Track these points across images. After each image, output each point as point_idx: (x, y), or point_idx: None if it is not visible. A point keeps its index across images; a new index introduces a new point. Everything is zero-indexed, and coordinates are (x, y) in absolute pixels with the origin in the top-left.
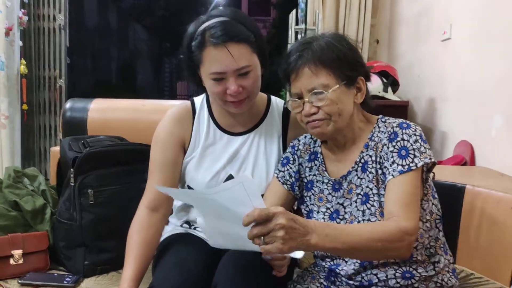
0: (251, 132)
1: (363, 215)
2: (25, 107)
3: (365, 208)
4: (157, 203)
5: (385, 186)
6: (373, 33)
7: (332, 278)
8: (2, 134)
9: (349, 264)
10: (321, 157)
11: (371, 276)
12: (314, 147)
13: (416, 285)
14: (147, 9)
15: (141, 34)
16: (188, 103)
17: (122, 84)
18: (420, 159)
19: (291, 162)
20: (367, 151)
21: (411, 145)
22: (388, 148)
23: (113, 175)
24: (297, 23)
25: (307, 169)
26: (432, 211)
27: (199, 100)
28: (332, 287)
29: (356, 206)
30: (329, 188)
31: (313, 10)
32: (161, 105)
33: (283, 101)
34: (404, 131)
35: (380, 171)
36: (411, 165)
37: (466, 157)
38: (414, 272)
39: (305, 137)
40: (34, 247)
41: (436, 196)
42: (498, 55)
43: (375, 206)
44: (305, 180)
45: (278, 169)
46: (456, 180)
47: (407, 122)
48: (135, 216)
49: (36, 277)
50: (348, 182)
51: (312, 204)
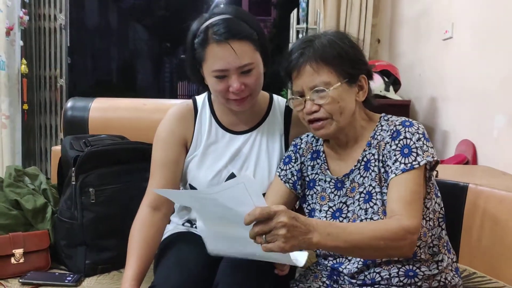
0: (253, 131)
1: (366, 214)
2: (26, 107)
3: (368, 207)
4: (159, 202)
5: (388, 185)
6: (374, 33)
7: (335, 277)
8: (3, 134)
9: (353, 263)
10: (324, 156)
11: (374, 275)
12: (316, 146)
13: (419, 284)
14: (148, 9)
15: (142, 34)
16: (190, 102)
17: (123, 84)
18: (423, 158)
19: (293, 161)
20: (370, 150)
21: (414, 144)
22: (391, 147)
23: (114, 174)
24: (298, 23)
25: (309, 168)
26: (435, 210)
27: (201, 99)
28: (335, 286)
29: (359, 205)
30: (332, 187)
31: (315, 10)
32: (162, 104)
33: (285, 100)
34: (407, 129)
35: (383, 170)
36: (414, 164)
37: (468, 156)
38: (418, 271)
39: (307, 136)
40: (35, 246)
41: (439, 195)
42: (500, 54)
43: (378, 205)
44: (307, 179)
45: (280, 168)
46: (459, 179)
47: (410, 120)
48: (137, 215)
49: (37, 276)
50: (351, 181)
51: (314, 203)
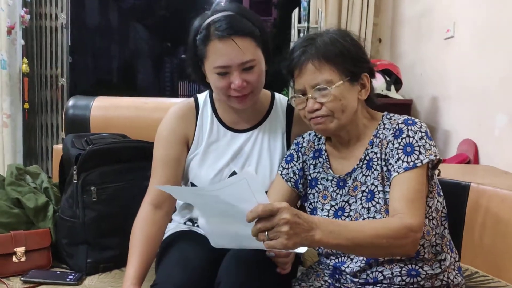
0: (255, 129)
1: (368, 213)
2: (27, 106)
3: (370, 206)
4: (160, 200)
5: (390, 183)
6: (376, 32)
7: (337, 276)
8: (4, 133)
9: (355, 262)
10: (326, 154)
11: (377, 274)
12: (319, 144)
13: (422, 283)
14: (148, 9)
15: (142, 34)
16: (191, 100)
17: (123, 84)
18: (426, 156)
19: (295, 160)
20: (372, 148)
21: (417, 142)
22: (393, 145)
23: (116, 172)
24: (300, 22)
25: (311, 167)
26: (438, 209)
27: (203, 97)
28: (337, 285)
29: (361, 204)
30: (334, 186)
31: (316, 9)
32: (164, 103)
33: (287, 98)
34: (410, 128)
35: (385, 168)
36: (416, 162)
37: (470, 156)
38: (420, 270)
39: (309, 135)
40: (37, 245)
41: (441, 194)
42: (502, 54)
43: (380, 203)
44: (309, 178)
45: (282, 166)
46: (460, 178)
47: (413, 119)
48: (138, 213)
49: (39, 275)
50: (353, 180)
51: (316, 202)
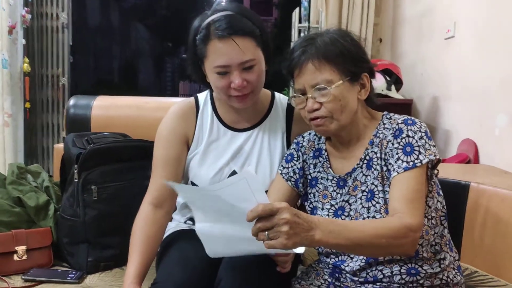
0: (255, 128)
1: (368, 212)
2: (28, 105)
3: (370, 205)
4: (161, 200)
5: (390, 183)
6: (376, 32)
7: (337, 275)
8: (6, 132)
9: (355, 261)
10: (326, 154)
11: (376, 272)
12: (319, 144)
13: (421, 282)
14: (149, 9)
15: (143, 34)
16: (192, 100)
17: (124, 83)
18: (425, 156)
19: (295, 159)
20: (372, 148)
21: (416, 142)
22: (393, 145)
23: (117, 172)
24: (300, 21)
25: (312, 166)
26: (437, 208)
27: (203, 97)
28: (337, 284)
29: (361, 203)
30: (334, 185)
31: (316, 9)
32: (164, 102)
33: (287, 97)
34: (409, 128)
35: (385, 168)
36: (416, 162)
37: (470, 156)
38: (420, 269)
39: (310, 134)
40: (38, 243)
41: (441, 193)
42: (502, 54)
43: (380, 203)
44: (310, 177)
45: (282, 166)
46: (460, 178)
47: (412, 119)
48: (139, 213)
49: (40, 273)
50: (353, 179)
51: (316, 201)
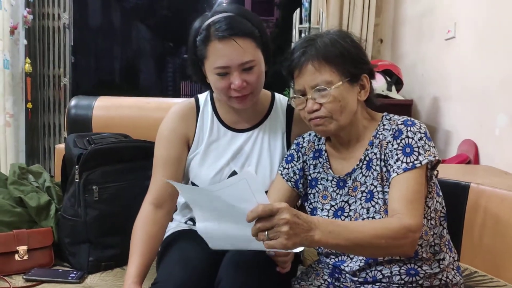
0: (255, 129)
1: (368, 213)
2: (30, 106)
3: (370, 206)
4: (161, 200)
5: (390, 184)
6: (377, 32)
7: (336, 275)
8: (7, 132)
9: (355, 261)
10: (326, 155)
11: (376, 273)
12: (319, 145)
13: (421, 282)
14: (151, 9)
15: (145, 34)
16: (192, 100)
17: (126, 83)
18: (425, 157)
19: (296, 160)
20: (372, 149)
21: (416, 143)
22: (393, 146)
23: (118, 172)
24: (301, 22)
25: (312, 167)
26: (437, 209)
27: (203, 97)
28: (336, 284)
29: (361, 204)
30: (334, 186)
31: (317, 9)
32: (165, 103)
33: (287, 98)
34: (409, 129)
35: (385, 169)
36: (416, 163)
37: (470, 156)
38: (419, 269)
39: (310, 135)
40: (39, 243)
41: (441, 194)
42: (502, 54)
43: (380, 204)
44: (309, 178)
45: (282, 166)
46: (460, 179)
47: (412, 120)
48: (139, 213)
49: (41, 273)
50: (353, 180)
51: (316, 202)
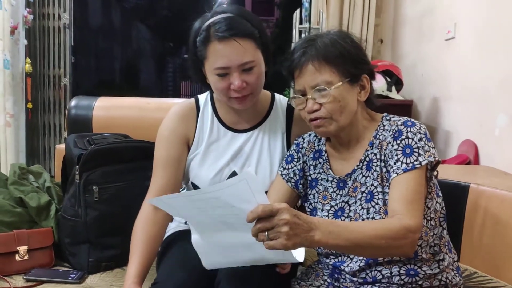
0: (255, 129)
1: (368, 213)
2: (30, 106)
3: (370, 206)
4: None
5: (389, 184)
6: (377, 33)
7: (336, 275)
8: (7, 132)
9: (355, 262)
10: (326, 155)
11: (376, 273)
12: (319, 145)
13: (420, 283)
14: (151, 9)
15: (145, 34)
16: (192, 101)
17: (126, 84)
18: (425, 157)
19: (296, 160)
20: (372, 149)
21: (416, 143)
22: (393, 146)
23: (118, 172)
24: (301, 22)
25: (312, 167)
26: (437, 209)
27: (203, 98)
28: (336, 284)
29: (361, 204)
30: (334, 186)
31: (317, 10)
32: (166, 103)
33: (287, 98)
34: (409, 129)
35: (385, 169)
36: (415, 163)
37: (470, 156)
38: (419, 270)
39: (310, 135)
40: (39, 244)
41: (440, 195)
42: (502, 54)
43: (380, 204)
44: (310, 178)
45: (283, 167)
46: (460, 179)
47: (412, 120)
48: (140, 213)
49: (41, 273)
50: (353, 180)
51: (316, 202)
